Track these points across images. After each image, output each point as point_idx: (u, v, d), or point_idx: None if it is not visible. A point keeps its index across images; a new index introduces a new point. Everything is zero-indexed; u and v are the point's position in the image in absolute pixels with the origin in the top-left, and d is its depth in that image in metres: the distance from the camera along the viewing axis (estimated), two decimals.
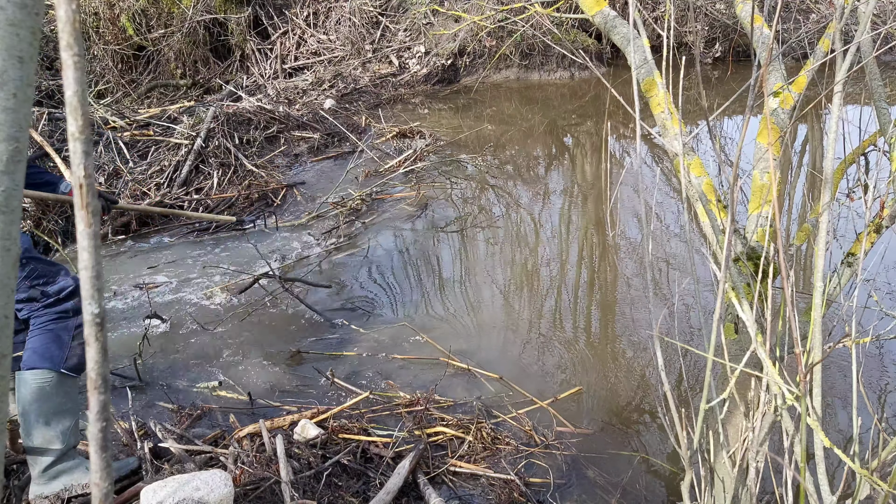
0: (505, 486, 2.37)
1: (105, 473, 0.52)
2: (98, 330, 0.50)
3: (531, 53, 8.49)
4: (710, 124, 1.56)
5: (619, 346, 3.32)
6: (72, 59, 0.46)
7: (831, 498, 1.30)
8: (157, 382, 3.04)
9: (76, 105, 0.46)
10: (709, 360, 1.36)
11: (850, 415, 2.69)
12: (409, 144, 6.19)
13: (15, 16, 0.54)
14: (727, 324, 2.17)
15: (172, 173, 5.24)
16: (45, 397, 2.08)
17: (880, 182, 2.00)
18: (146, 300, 3.72)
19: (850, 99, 6.16)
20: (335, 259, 4.26)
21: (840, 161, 2.36)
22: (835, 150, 1.28)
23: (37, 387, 2.05)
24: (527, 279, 3.99)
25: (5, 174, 0.57)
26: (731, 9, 8.60)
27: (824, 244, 1.29)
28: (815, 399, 1.33)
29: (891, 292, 3.47)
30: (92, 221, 0.48)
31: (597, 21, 2.93)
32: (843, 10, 1.36)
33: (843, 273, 1.97)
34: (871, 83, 2.03)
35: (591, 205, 5.14)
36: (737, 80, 7.97)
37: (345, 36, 8.42)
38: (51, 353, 2.09)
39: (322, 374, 3.06)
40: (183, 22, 7.69)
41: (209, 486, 2.05)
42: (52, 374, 2.07)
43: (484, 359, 3.17)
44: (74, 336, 2.13)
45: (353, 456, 2.46)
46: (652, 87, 2.48)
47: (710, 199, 2.25)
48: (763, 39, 2.64)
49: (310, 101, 7.23)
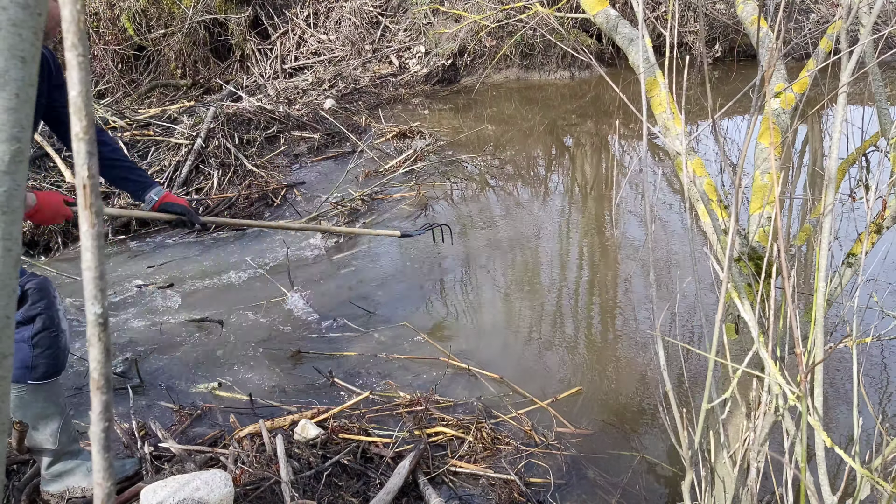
0: (505, 486, 2.37)
1: (107, 473, 0.52)
2: (101, 330, 0.50)
3: (531, 53, 8.49)
4: (714, 124, 1.56)
5: (619, 346, 3.32)
6: (76, 59, 0.46)
7: (832, 498, 1.30)
8: (156, 383, 3.04)
9: (80, 105, 0.46)
10: (710, 359, 1.36)
11: (851, 415, 2.68)
12: (409, 144, 6.19)
13: (17, 16, 0.54)
14: (728, 324, 2.17)
15: (172, 173, 5.24)
16: (25, 406, 2.07)
17: (882, 183, 2.00)
18: (146, 300, 3.72)
19: (852, 99, 6.15)
20: (335, 259, 4.25)
21: (842, 161, 2.36)
22: (838, 150, 1.28)
23: (15, 397, 2.04)
24: (527, 279, 3.99)
25: (7, 174, 0.57)
26: (731, 9, 8.60)
27: (827, 244, 1.29)
28: (816, 399, 1.33)
29: (892, 292, 3.47)
30: (95, 222, 0.48)
31: (598, 21, 2.93)
32: (849, 10, 1.36)
33: (844, 273, 1.97)
34: (872, 84, 2.03)
35: (591, 205, 5.14)
36: (737, 80, 7.97)
37: (345, 36, 8.41)
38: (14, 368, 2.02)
39: (322, 374, 3.06)
40: (183, 22, 7.68)
41: (209, 487, 2.05)
42: (25, 386, 2.03)
43: (484, 359, 3.17)
44: (33, 346, 2.01)
45: (353, 456, 2.46)
46: (654, 86, 2.48)
47: (712, 198, 2.25)
48: (765, 40, 2.64)
49: (310, 101, 7.22)
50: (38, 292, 2.02)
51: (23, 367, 2.00)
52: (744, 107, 6.49)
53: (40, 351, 2.03)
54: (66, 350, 2.13)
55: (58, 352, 2.07)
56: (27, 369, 2.02)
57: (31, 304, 2.01)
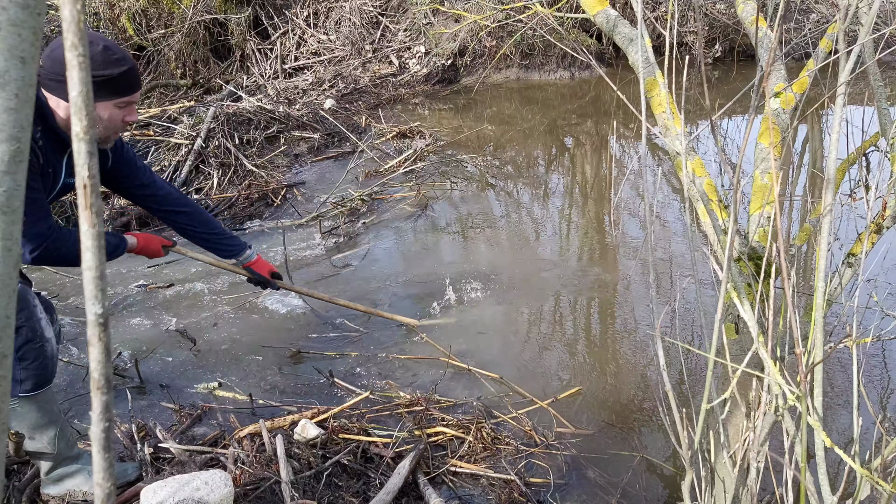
0: (505, 486, 2.37)
1: (108, 474, 0.52)
2: (101, 330, 0.50)
3: (531, 53, 8.49)
4: (713, 124, 1.56)
5: (619, 346, 3.32)
6: (76, 59, 0.46)
7: (832, 498, 1.30)
8: (156, 383, 3.04)
9: (81, 105, 0.46)
10: (710, 359, 1.36)
11: (850, 415, 2.68)
12: (409, 144, 6.19)
13: (17, 16, 0.54)
14: (728, 324, 2.17)
15: (172, 173, 5.24)
16: (19, 418, 2.04)
17: (881, 183, 2.00)
18: (145, 300, 3.72)
19: (851, 99, 6.15)
20: (335, 259, 4.25)
21: (841, 161, 2.36)
22: (837, 150, 1.28)
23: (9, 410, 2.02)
24: (527, 279, 3.99)
25: (7, 174, 0.57)
26: (731, 9, 8.60)
27: (826, 245, 1.29)
28: (815, 399, 1.33)
29: (892, 292, 3.47)
30: (96, 222, 0.48)
31: (598, 21, 2.93)
32: (846, 11, 1.36)
33: (844, 273, 1.97)
34: (871, 84, 2.03)
35: (591, 204, 5.14)
36: (737, 80, 7.97)
37: (345, 36, 8.41)
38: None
39: (322, 374, 3.06)
40: (183, 22, 7.68)
41: (209, 487, 2.05)
42: (16, 400, 2.00)
43: (484, 359, 3.17)
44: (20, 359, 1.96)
45: (353, 456, 2.46)
46: (653, 86, 2.48)
47: (712, 198, 2.25)
48: (765, 41, 2.64)
49: (310, 101, 7.22)
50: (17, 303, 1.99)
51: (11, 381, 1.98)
52: (744, 107, 6.50)
53: (27, 363, 1.98)
54: (54, 358, 2.07)
55: (45, 361, 2.02)
56: (16, 382, 1.95)
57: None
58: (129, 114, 1.94)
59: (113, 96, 1.86)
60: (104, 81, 1.81)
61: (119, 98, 1.87)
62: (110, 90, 1.84)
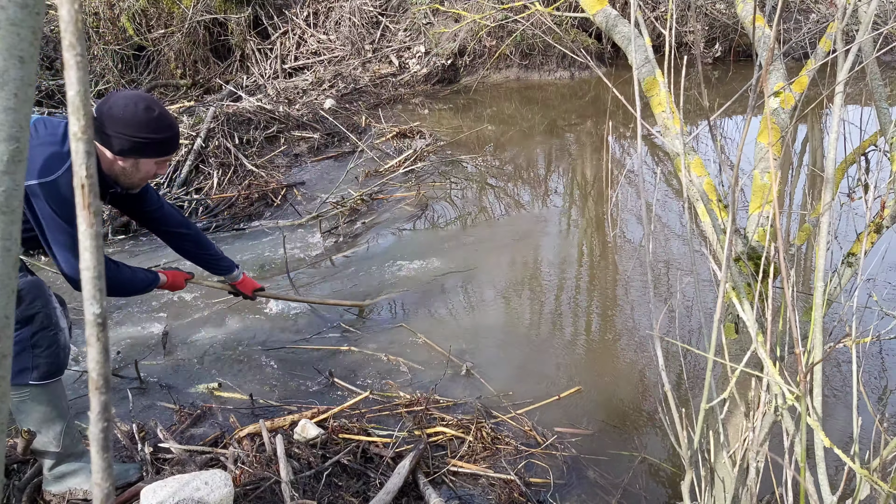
0: (505, 486, 2.37)
1: (106, 474, 0.52)
2: (100, 330, 0.50)
3: (531, 53, 8.50)
4: (710, 124, 1.56)
5: (618, 346, 3.32)
6: (74, 59, 0.46)
7: (831, 498, 1.30)
8: (156, 383, 3.04)
9: (79, 105, 0.46)
10: (709, 359, 1.36)
11: (850, 415, 2.68)
12: (409, 144, 6.19)
13: (16, 15, 0.54)
14: (727, 324, 2.17)
15: (172, 173, 5.24)
16: (28, 410, 2.06)
17: (881, 182, 2.00)
18: (146, 300, 3.72)
19: (851, 99, 6.15)
20: (335, 259, 4.25)
21: (840, 161, 2.36)
22: (836, 150, 1.28)
23: (18, 401, 2.03)
24: (527, 279, 3.99)
25: (6, 174, 0.57)
26: (731, 8, 8.60)
27: (825, 244, 1.29)
28: (815, 399, 1.33)
29: (892, 292, 3.47)
30: (94, 222, 0.48)
31: (598, 20, 2.93)
32: (844, 11, 1.36)
33: (843, 273, 1.97)
34: (871, 83, 2.03)
35: (591, 204, 5.14)
36: (737, 80, 7.98)
37: (345, 36, 8.41)
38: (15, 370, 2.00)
39: (322, 374, 3.06)
40: (183, 22, 7.68)
41: (209, 487, 2.05)
42: (27, 388, 2.03)
43: (484, 359, 3.17)
44: (33, 346, 2.02)
45: (353, 456, 2.46)
46: (653, 86, 2.48)
47: (711, 198, 2.25)
48: (764, 40, 2.64)
49: (310, 101, 7.22)
50: (32, 291, 2.02)
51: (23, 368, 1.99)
52: (743, 106, 6.49)
53: (40, 350, 2.03)
54: (67, 348, 2.12)
55: (58, 350, 2.07)
56: (28, 370, 2.00)
57: (27, 303, 2.00)
58: (162, 167, 2.16)
59: (158, 155, 2.08)
60: (156, 143, 2.03)
61: (161, 157, 2.10)
62: (157, 150, 2.06)
